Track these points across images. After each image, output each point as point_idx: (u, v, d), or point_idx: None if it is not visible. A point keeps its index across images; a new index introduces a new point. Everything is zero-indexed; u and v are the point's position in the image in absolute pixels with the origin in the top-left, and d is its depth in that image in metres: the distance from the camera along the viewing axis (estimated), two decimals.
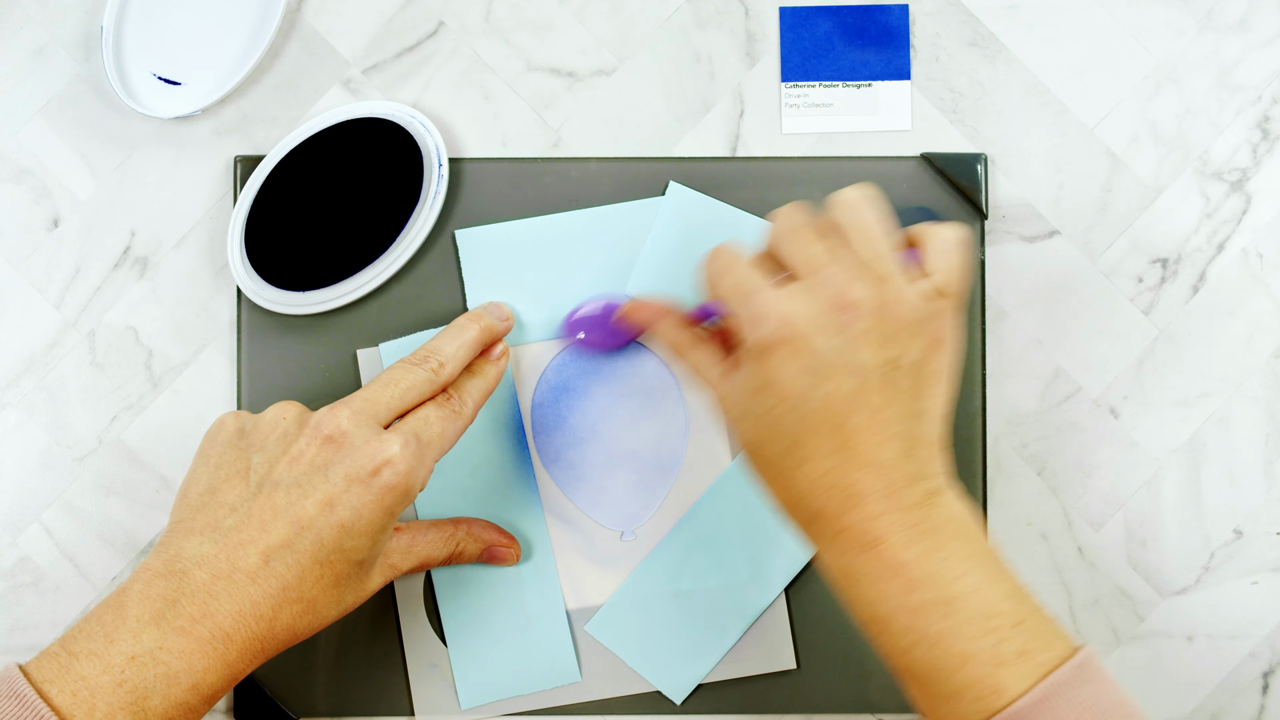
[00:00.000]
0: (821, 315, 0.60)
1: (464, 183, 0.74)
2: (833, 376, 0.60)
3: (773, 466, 0.62)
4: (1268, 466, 0.74)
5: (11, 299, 0.75)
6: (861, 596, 0.60)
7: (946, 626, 0.58)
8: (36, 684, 0.59)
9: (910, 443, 0.60)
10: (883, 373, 0.60)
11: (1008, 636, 0.58)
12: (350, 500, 0.62)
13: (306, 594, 0.62)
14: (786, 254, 0.63)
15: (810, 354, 0.60)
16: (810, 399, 0.60)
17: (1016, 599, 0.59)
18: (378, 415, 0.64)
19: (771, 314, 0.61)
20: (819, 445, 0.60)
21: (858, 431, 0.60)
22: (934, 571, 0.58)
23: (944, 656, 0.58)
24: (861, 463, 0.60)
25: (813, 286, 0.61)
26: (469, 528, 0.71)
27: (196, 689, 0.60)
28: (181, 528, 0.63)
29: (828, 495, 0.60)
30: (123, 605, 0.60)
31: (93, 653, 0.59)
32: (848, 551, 0.60)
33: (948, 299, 0.62)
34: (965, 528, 0.60)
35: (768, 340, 0.61)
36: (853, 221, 0.62)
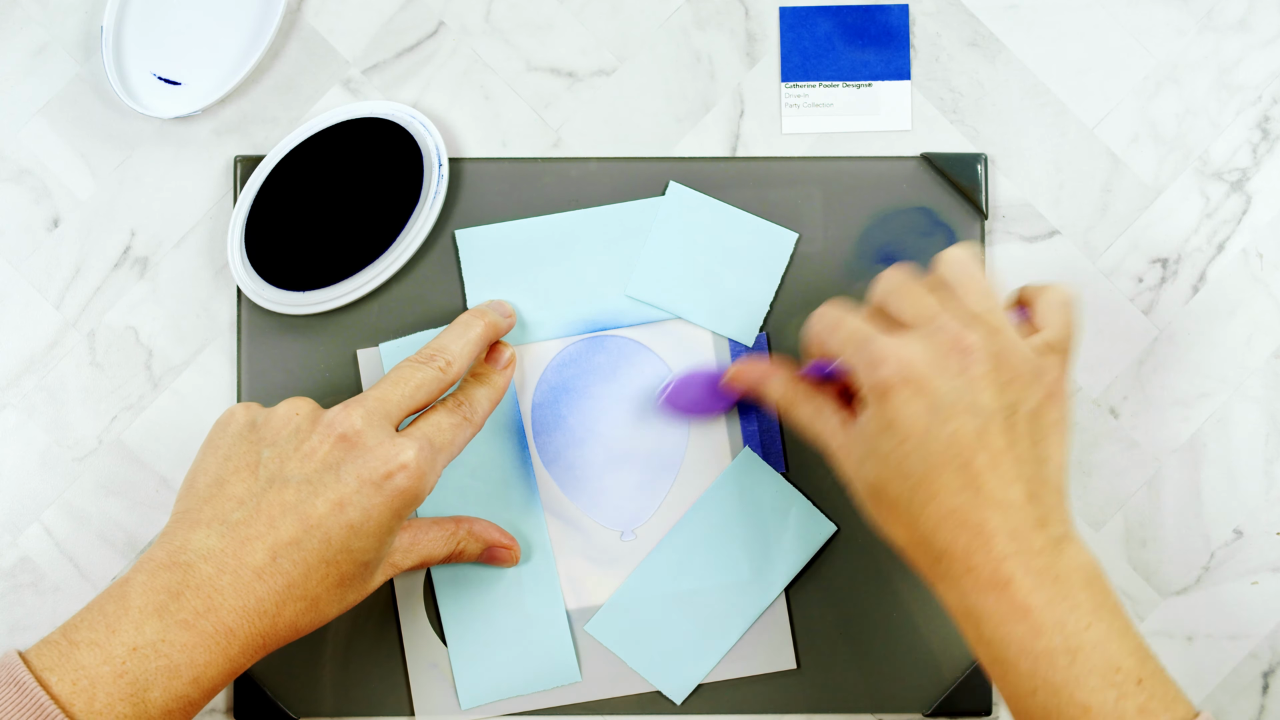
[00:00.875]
0: (940, 358, 0.61)
1: (464, 183, 0.74)
2: (956, 416, 0.60)
3: (898, 507, 0.62)
4: (1268, 466, 0.74)
5: (11, 299, 0.75)
6: (986, 637, 0.60)
7: (1070, 676, 0.58)
8: (36, 671, 0.59)
9: (1035, 486, 0.61)
10: (1003, 416, 0.61)
11: (1129, 692, 0.58)
12: (361, 502, 0.62)
13: (311, 592, 0.62)
14: (896, 307, 0.64)
15: (932, 393, 0.61)
16: (936, 436, 0.60)
17: (1140, 655, 0.59)
18: (390, 415, 0.64)
19: (890, 356, 0.62)
20: (946, 483, 0.60)
21: (984, 471, 0.60)
22: (1061, 619, 0.59)
23: (1066, 705, 0.58)
24: (990, 502, 0.60)
25: (928, 333, 0.62)
26: (470, 526, 0.71)
27: (197, 682, 0.60)
28: (187, 518, 0.63)
29: (955, 534, 0.60)
30: (125, 596, 0.60)
31: (94, 642, 0.59)
32: (974, 591, 0.60)
33: (1060, 354, 0.64)
34: (1093, 578, 0.60)
35: (889, 381, 0.61)
36: (961, 277, 0.64)
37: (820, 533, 0.73)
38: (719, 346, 0.74)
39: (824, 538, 0.73)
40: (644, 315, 0.73)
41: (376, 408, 0.64)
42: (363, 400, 0.65)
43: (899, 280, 0.65)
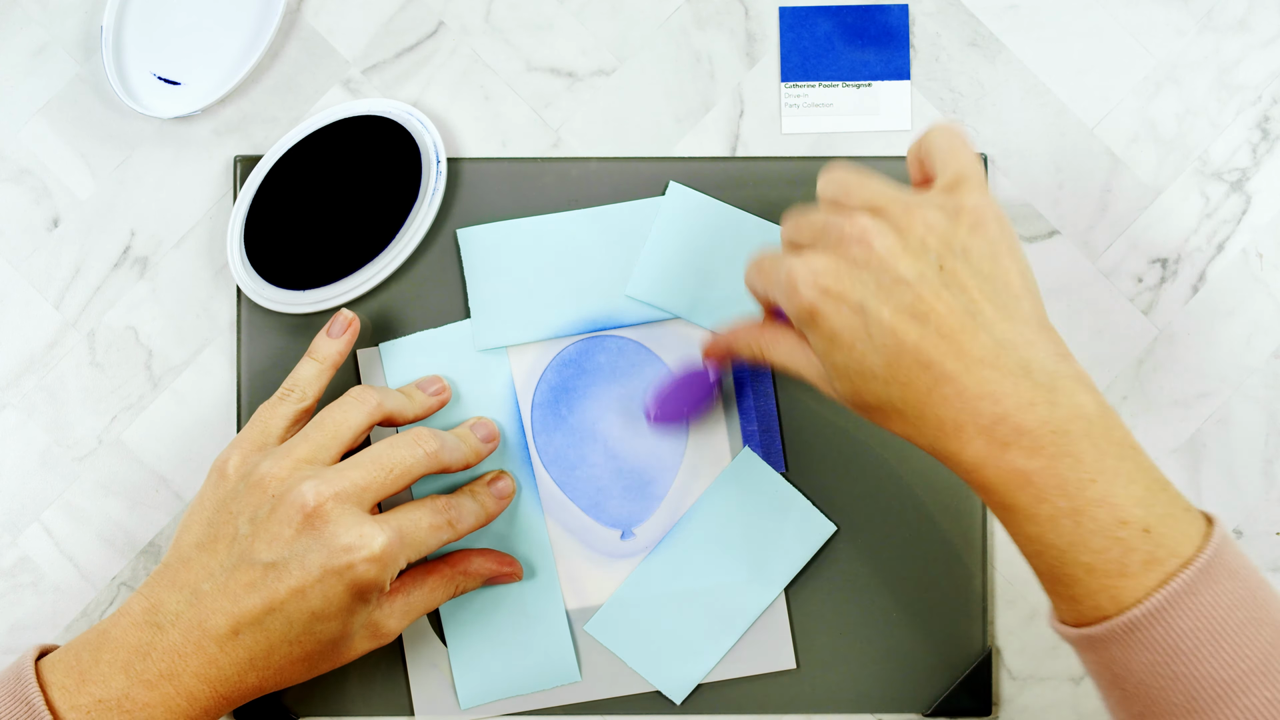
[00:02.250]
0: (843, 258, 0.59)
1: (464, 182, 0.74)
2: (884, 301, 0.58)
3: (883, 408, 0.60)
4: (1267, 466, 0.74)
5: (11, 299, 0.75)
6: (994, 503, 0.58)
7: (1074, 538, 0.57)
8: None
9: (1003, 327, 0.58)
10: (934, 274, 0.58)
11: (1135, 545, 0.56)
12: (322, 590, 0.62)
13: (274, 664, 0.64)
14: (793, 234, 0.63)
15: (850, 293, 0.59)
16: (877, 330, 0.58)
17: (1148, 502, 0.57)
18: (364, 502, 0.64)
19: (799, 278, 0.60)
20: (909, 369, 0.58)
21: (939, 341, 0.58)
22: (1061, 480, 0.57)
23: (1069, 567, 0.57)
24: (960, 369, 0.58)
25: (825, 241, 0.60)
26: (466, 566, 0.71)
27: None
28: (168, 575, 0.64)
29: (942, 412, 0.58)
30: (100, 647, 0.63)
31: (65, 687, 0.62)
32: (975, 463, 0.58)
33: (965, 185, 0.60)
34: (1093, 422, 0.57)
35: (808, 302, 0.60)
36: (841, 184, 0.62)
37: (820, 533, 0.73)
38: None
39: (824, 538, 0.73)
40: (644, 315, 0.73)
41: (350, 492, 0.64)
42: (340, 477, 0.64)
43: (794, 211, 0.63)
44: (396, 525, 0.64)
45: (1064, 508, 0.57)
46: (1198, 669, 0.56)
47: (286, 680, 0.65)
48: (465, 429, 0.71)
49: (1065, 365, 0.58)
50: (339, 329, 0.70)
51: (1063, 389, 0.57)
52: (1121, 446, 0.58)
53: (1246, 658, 0.55)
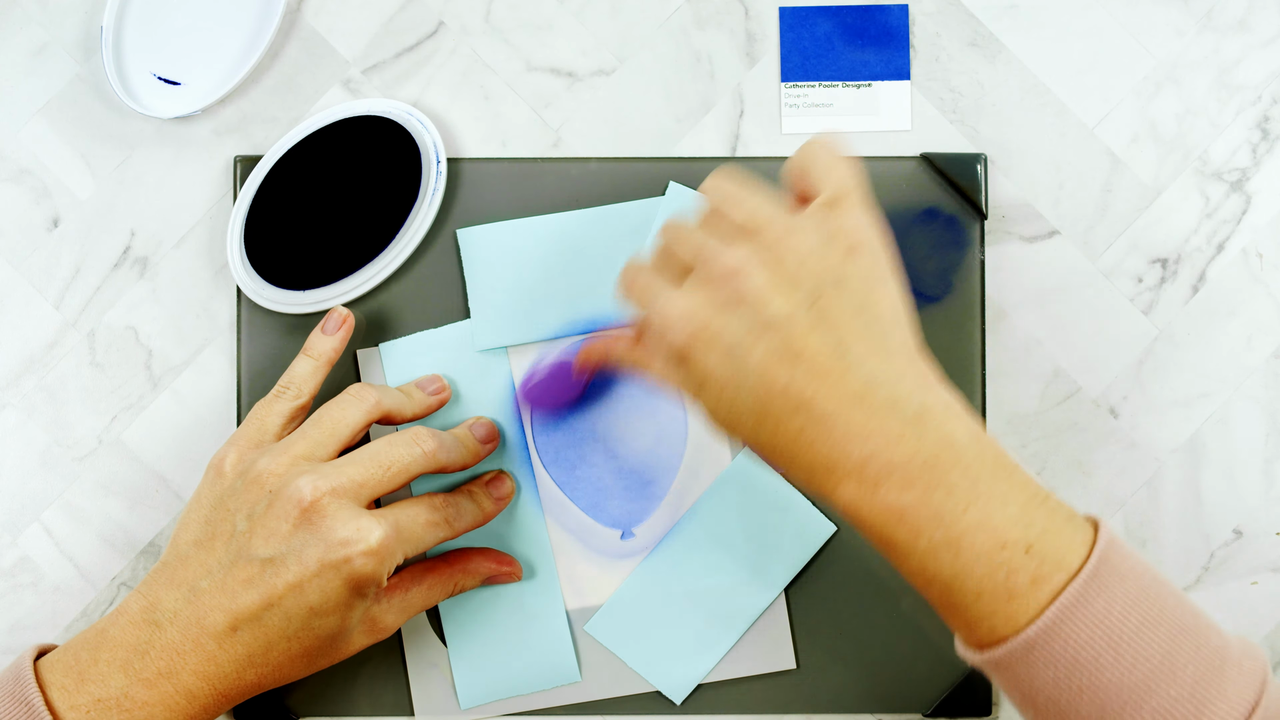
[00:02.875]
0: (715, 296, 0.58)
1: (464, 182, 0.74)
2: (754, 344, 0.57)
3: (759, 446, 0.59)
4: (1267, 466, 0.74)
5: (11, 299, 0.75)
6: (876, 540, 0.58)
7: (955, 568, 0.56)
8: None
9: (873, 363, 0.57)
10: (806, 310, 0.57)
11: (1019, 566, 0.56)
12: (320, 584, 0.62)
13: (273, 661, 0.64)
14: (670, 245, 0.62)
15: (720, 337, 0.58)
16: (747, 374, 0.57)
17: (1027, 521, 0.56)
18: (361, 498, 0.64)
19: (671, 318, 0.59)
20: (780, 411, 0.57)
21: (808, 382, 0.57)
22: (936, 511, 0.56)
23: (958, 595, 0.57)
24: (829, 410, 0.57)
25: (699, 274, 0.59)
26: (465, 565, 0.71)
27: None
28: (166, 572, 0.64)
29: (813, 454, 0.57)
30: (99, 646, 0.63)
31: (64, 687, 0.62)
32: (850, 503, 0.57)
33: (843, 203, 0.60)
34: (964, 449, 0.57)
35: (679, 346, 0.59)
36: (722, 196, 0.61)
37: (820, 533, 0.73)
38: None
39: (823, 538, 0.73)
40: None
41: (348, 488, 0.64)
42: (339, 472, 0.64)
43: (671, 225, 0.62)
44: (394, 520, 0.64)
45: (942, 539, 0.56)
46: (1101, 678, 0.55)
47: (285, 677, 0.65)
48: (464, 429, 0.71)
49: (934, 395, 0.58)
50: (334, 325, 0.70)
51: (931, 420, 0.57)
52: (995, 468, 0.57)
53: (1148, 659, 0.55)
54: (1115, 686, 0.55)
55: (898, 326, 0.59)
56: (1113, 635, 0.55)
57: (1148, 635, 0.55)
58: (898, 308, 0.59)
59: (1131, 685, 0.55)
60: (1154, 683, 0.55)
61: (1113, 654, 0.55)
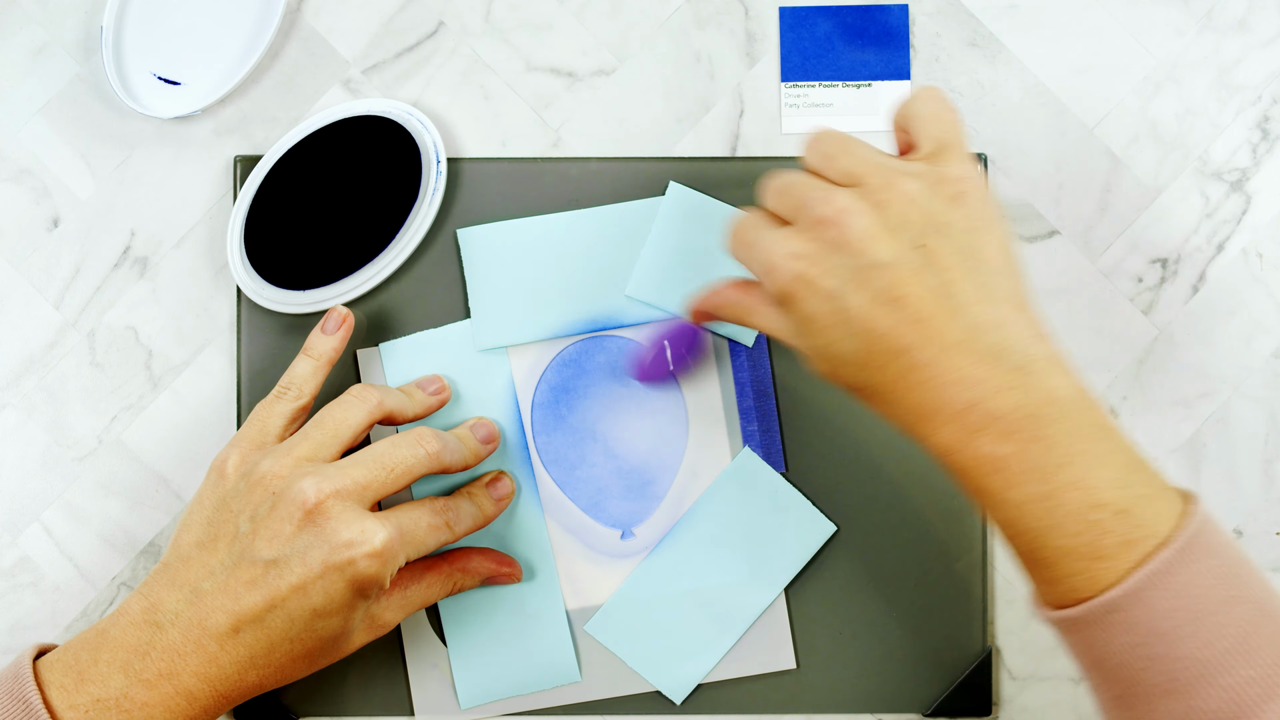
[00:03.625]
0: (818, 240, 0.58)
1: (464, 182, 0.74)
2: (857, 289, 0.57)
3: (860, 389, 0.59)
4: (1268, 466, 0.74)
5: (11, 299, 0.75)
6: (971, 488, 0.58)
7: (1049, 523, 0.56)
8: None
9: (978, 310, 0.57)
10: (911, 255, 0.57)
11: (1111, 528, 0.56)
12: (324, 586, 0.62)
13: (275, 663, 0.64)
14: (774, 202, 0.62)
15: (823, 280, 0.58)
16: (849, 318, 0.58)
17: (1123, 484, 0.56)
18: (364, 499, 0.64)
19: (775, 262, 0.59)
20: (882, 355, 0.58)
21: (912, 328, 0.57)
22: (1035, 464, 0.56)
23: (1045, 550, 0.57)
24: (932, 356, 0.57)
25: (802, 220, 0.60)
26: (465, 564, 0.71)
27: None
28: (168, 574, 0.64)
29: (918, 398, 0.57)
30: (99, 646, 0.63)
31: (63, 687, 0.62)
32: (950, 448, 0.57)
33: (947, 153, 0.60)
34: (1067, 405, 0.57)
35: (783, 288, 0.59)
36: (825, 150, 0.61)
37: (820, 533, 0.73)
38: (718, 347, 0.74)
39: (824, 538, 0.73)
40: (644, 315, 0.73)
41: (351, 490, 0.64)
42: (342, 474, 0.64)
43: (774, 178, 0.62)
44: (397, 522, 0.64)
45: (1037, 492, 0.56)
46: (1177, 649, 0.55)
47: (287, 678, 0.65)
48: (465, 430, 0.71)
49: (1040, 346, 0.58)
50: (333, 325, 0.70)
51: (1036, 371, 0.57)
52: (1096, 428, 0.57)
53: (1226, 636, 0.55)
54: (1189, 659, 0.55)
55: (1005, 274, 0.58)
56: (1194, 608, 0.55)
57: (1229, 612, 0.55)
58: (1006, 255, 0.59)
59: (1206, 660, 0.55)
60: (1229, 660, 0.55)
61: (1192, 627, 0.55)
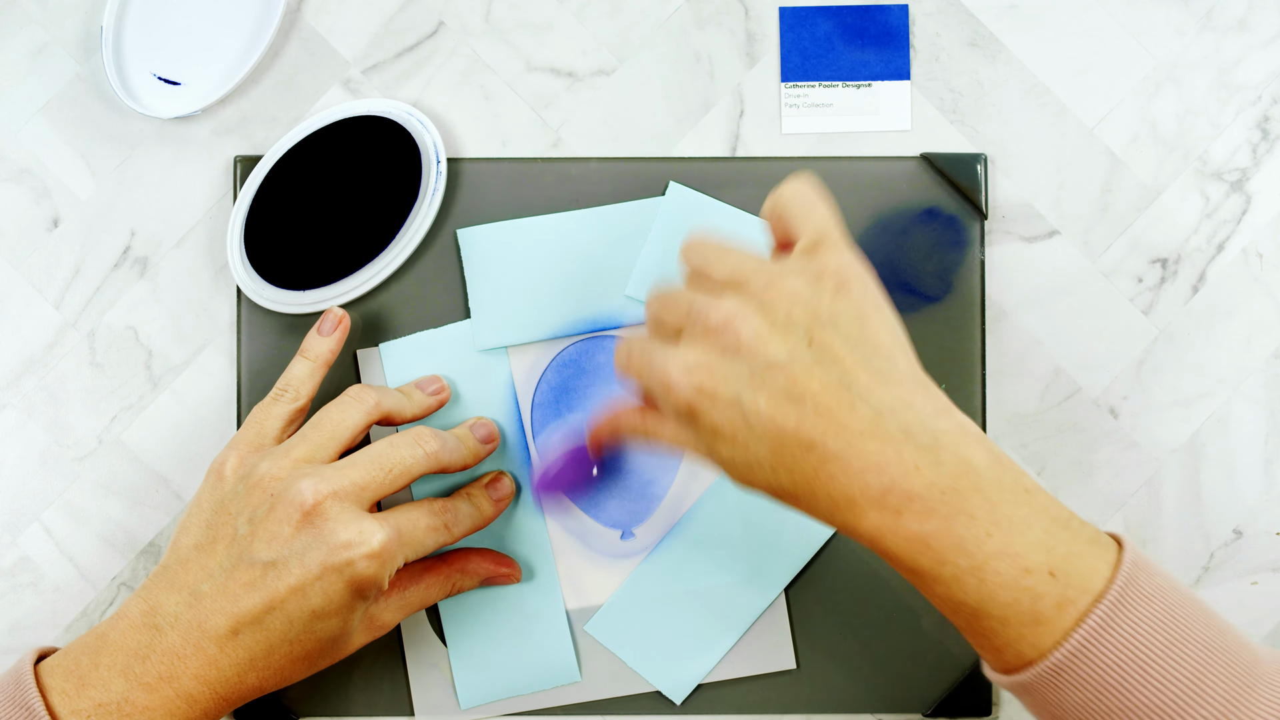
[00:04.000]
0: (712, 349, 0.58)
1: (464, 182, 0.74)
2: (758, 391, 0.57)
3: (780, 493, 0.59)
4: (1268, 466, 0.74)
5: (11, 299, 0.75)
6: (903, 569, 0.58)
7: (980, 595, 0.56)
8: None
9: (879, 393, 0.57)
10: (804, 350, 0.57)
11: (1044, 592, 0.56)
12: (322, 587, 0.62)
13: (274, 665, 0.64)
14: (659, 313, 0.62)
15: (723, 387, 0.58)
16: (755, 421, 0.57)
17: (1051, 543, 0.56)
18: (363, 500, 0.64)
19: (671, 377, 0.59)
20: (794, 453, 0.57)
21: (816, 420, 0.57)
22: (959, 539, 0.56)
23: (984, 620, 0.57)
24: (841, 447, 0.57)
25: (691, 332, 0.59)
26: (464, 565, 0.71)
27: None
28: (167, 576, 0.64)
29: (833, 491, 0.57)
30: (99, 650, 0.63)
31: (64, 692, 0.62)
32: (872, 544, 0.58)
33: (825, 243, 0.60)
34: (983, 474, 0.56)
35: (684, 402, 0.59)
36: (701, 256, 0.61)
37: (820, 533, 0.73)
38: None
39: (824, 538, 0.73)
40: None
41: (350, 491, 0.64)
42: (340, 475, 0.64)
43: (656, 293, 0.62)
44: (395, 524, 0.64)
45: (966, 566, 0.56)
46: (1130, 699, 0.55)
47: (286, 679, 0.65)
48: (465, 429, 0.71)
49: (946, 420, 0.57)
50: (329, 326, 0.70)
51: (947, 446, 0.57)
52: (1014, 492, 0.57)
53: (1177, 680, 0.55)
54: (1145, 708, 0.55)
55: (899, 354, 0.58)
56: (1141, 657, 0.55)
57: (1176, 655, 0.55)
58: (896, 335, 0.59)
59: (1161, 706, 0.55)
60: (1184, 704, 0.55)
61: (1141, 676, 0.55)
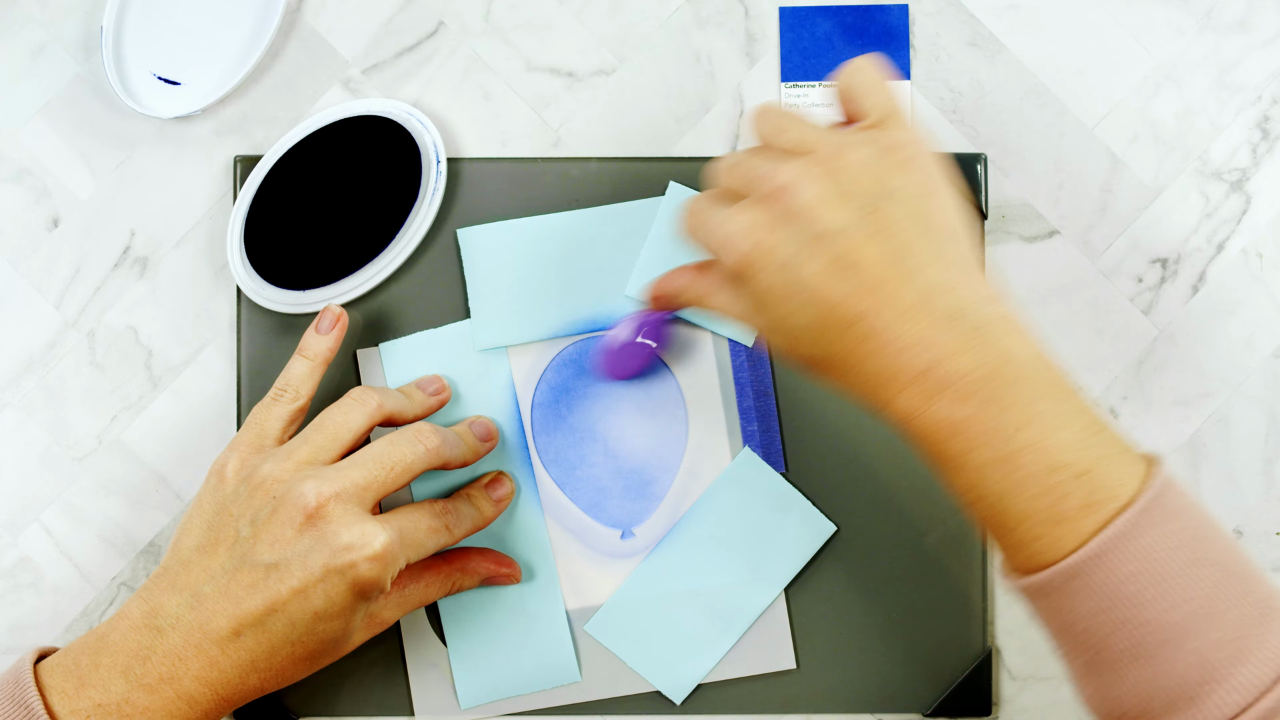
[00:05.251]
0: (768, 212, 0.58)
1: (464, 182, 0.74)
2: (808, 259, 0.57)
3: (816, 362, 0.59)
4: (1268, 466, 0.74)
5: (11, 299, 0.75)
6: (928, 454, 0.57)
7: (1005, 486, 0.56)
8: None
9: (930, 274, 0.57)
10: (861, 225, 0.57)
11: (1070, 490, 0.55)
12: (325, 589, 0.62)
13: (275, 666, 0.64)
14: (725, 180, 0.62)
15: (775, 252, 0.58)
16: (801, 288, 0.57)
17: (1083, 445, 0.56)
18: (365, 501, 0.64)
19: (728, 237, 0.59)
20: (835, 325, 0.57)
21: (863, 295, 0.57)
22: (994, 426, 0.55)
23: (1005, 515, 0.56)
24: (885, 322, 0.56)
25: (751, 195, 0.59)
26: (464, 564, 0.71)
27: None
28: (168, 577, 0.64)
29: (872, 366, 0.57)
30: (100, 650, 0.63)
31: (64, 692, 0.62)
32: (906, 414, 0.57)
33: (892, 120, 0.60)
34: (1024, 366, 0.56)
35: (736, 263, 0.59)
36: (767, 126, 0.61)
37: (820, 533, 0.73)
38: (718, 347, 0.74)
39: (824, 538, 0.73)
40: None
41: (352, 492, 0.64)
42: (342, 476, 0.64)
43: (722, 159, 0.62)
44: (397, 525, 0.64)
45: (996, 455, 0.56)
46: (1141, 614, 0.54)
47: (287, 680, 0.65)
48: (464, 427, 0.71)
49: (995, 308, 0.57)
50: (327, 324, 0.70)
51: (992, 333, 0.56)
52: (1055, 389, 0.56)
53: (1191, 599, 0.54)
54: (1155, 624, 0.54)
55: (955, 239, 0.58)
56: (1158, 572, 0.54)
57: (1194, 575, 0.54)
58: (954, 220, 0.59)
59: (1172, 624, 0.54)
60: (1195, 624, 0.54)
61: (1155, 590, 0.54)
